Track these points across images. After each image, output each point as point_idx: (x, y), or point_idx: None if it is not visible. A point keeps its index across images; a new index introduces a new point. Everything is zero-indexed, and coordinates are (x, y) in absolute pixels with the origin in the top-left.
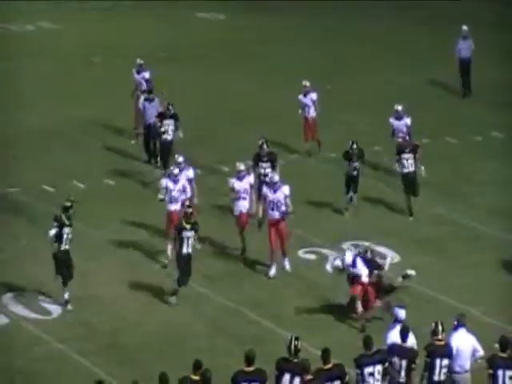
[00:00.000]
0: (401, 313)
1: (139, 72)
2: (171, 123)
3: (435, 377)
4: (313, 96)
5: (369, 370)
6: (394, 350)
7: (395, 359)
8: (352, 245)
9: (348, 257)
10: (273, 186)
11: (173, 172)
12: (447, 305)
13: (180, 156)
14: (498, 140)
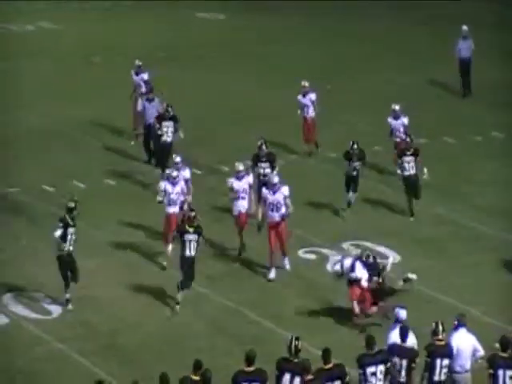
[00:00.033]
0: (401, 313)
1: (138, 73)
2: (170, 125)
3: (435, 377)
4: (312, 96)
5: (371, 370)
6: (394, 350)
7: (395, 359)
8: (352, 245)
9: (347, 261)
10: (272, 188)
11: (171, 174)
12: (447, 305)
13: (177, 156)
14: (498, 140)
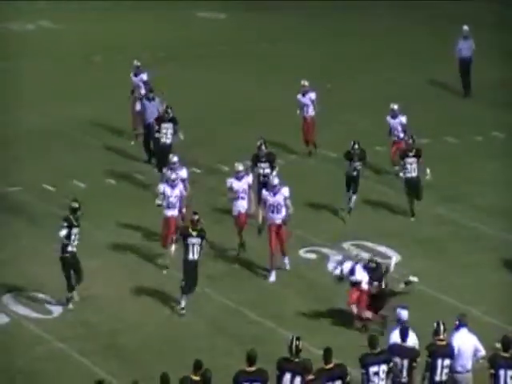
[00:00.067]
0: (403, 313)
1: (136, 74)
2: (170, 127)
3: (437, 377)
4: (312, 95)
5: (374, 370)
6: (395, 350)
7: (397, 359)
8: (352, 245)
9: (346, 265)
10: (272, 189)
11: (170, 177)
12: (448, 305)
13: (174, 156)
14: (499, 140)
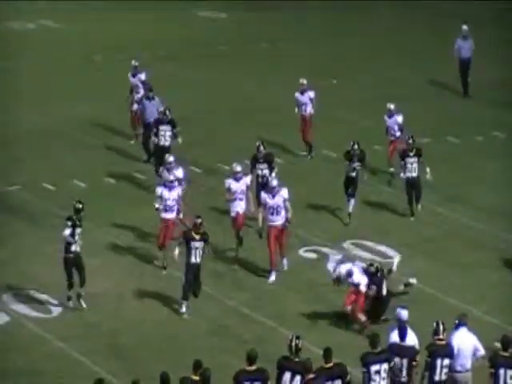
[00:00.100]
0: (403, 313)
1: (134, 75)
2: (168, 129)
3: (436, 376)
4: (310, 94)
5: (375, 369)
6: (394, 350)
7: (396, 359)
8: (352, 244)
9: (343, 268)
10: (271, 191)
11: (167, 179)
12: (448, 304)
13: (170, 156)
14: (499, 140)
